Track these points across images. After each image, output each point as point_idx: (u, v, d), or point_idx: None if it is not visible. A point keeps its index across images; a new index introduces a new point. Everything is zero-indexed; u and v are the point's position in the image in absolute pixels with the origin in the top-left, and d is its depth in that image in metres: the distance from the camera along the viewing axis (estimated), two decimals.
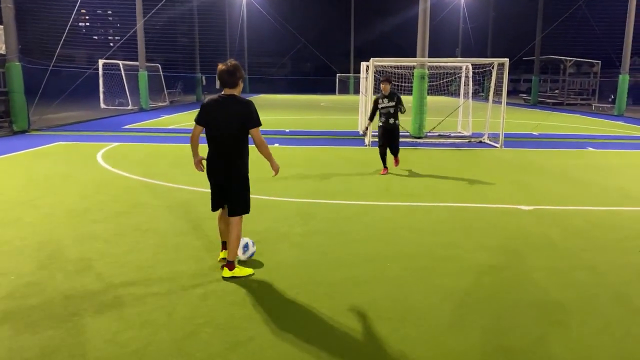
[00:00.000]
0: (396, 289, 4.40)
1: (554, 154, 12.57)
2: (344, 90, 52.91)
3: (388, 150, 9.63)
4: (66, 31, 17.88)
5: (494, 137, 14.21)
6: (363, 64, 16.34)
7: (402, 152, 12.52)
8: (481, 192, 8.15)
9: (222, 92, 4.50)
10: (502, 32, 46.32)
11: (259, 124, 4.48)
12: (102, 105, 26.33)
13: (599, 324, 3.82)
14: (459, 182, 8.93)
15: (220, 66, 4.42)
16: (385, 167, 9.63)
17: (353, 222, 6.38)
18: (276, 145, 13.42)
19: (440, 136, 15.48)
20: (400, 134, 15.51)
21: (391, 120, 9.39)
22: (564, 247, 5.56)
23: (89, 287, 4.33)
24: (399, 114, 9.39)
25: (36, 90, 18.42)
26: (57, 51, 17.34)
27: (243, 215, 4.64)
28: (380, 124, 9.47)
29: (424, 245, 5.52)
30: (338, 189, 8.31)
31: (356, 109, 17.44)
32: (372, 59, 13.12)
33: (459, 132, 16.49)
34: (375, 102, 9.44)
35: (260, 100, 40.16)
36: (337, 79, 53.10)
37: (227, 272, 4.54)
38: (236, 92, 4.47)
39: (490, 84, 14.20)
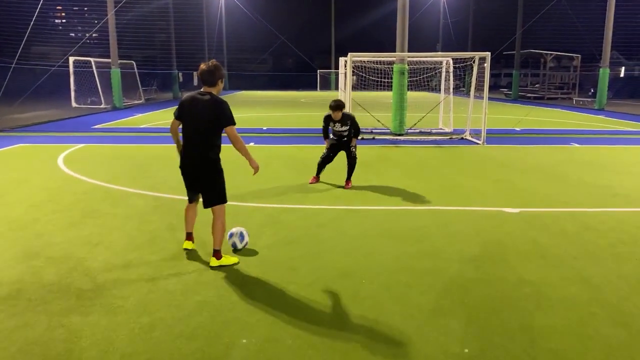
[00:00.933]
0: (371, 310, 3.90)
1: (537, 151, 12.22)
2: (326, 86, 52.36)
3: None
4: (29, 27, 17.00)
5: (476, 133, 13.83)
6: (342, 60, 15.84)
7: (382, 149, 12.11)
8: (464, 194, 7.70)
9: (201, 89, 4.70)
10: (483, 27, 46.22)
11: (232, 122, 4.63)
12: (74, 104, 25.41)
13: (600, 352, 3.36)
14: (441, 183, 8.48)
15: (202, 66, 4.64)
16: (317, 176, 8.43)
17: (327, 230, 5.86)
18: (252, 144, 12.86)
19: (421, 133, 15.05)
20: (380, 131, 15.30)
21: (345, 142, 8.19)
22: (554, 254, 5.12)
23: None
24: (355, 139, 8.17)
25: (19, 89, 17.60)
26: (20, 48, 16.47)
27: (224, 205, 4.79)
28: (333, 142, 8.29)
29: (403, 257, 5.03)
30: (313, 192, 7.78)
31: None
32: (350, 54, 12.61)
33: (441, 129, 16.09)
34: (326, 122, 8.14)
35: (239, 97, 39.43)
36: (318, 75, 52.53)
37: (214, 262, 4.72)
38: (214, 90, 4.68)
39: (471, 78, 13.78)
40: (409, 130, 14.75)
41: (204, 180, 4.72)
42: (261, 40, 54.33)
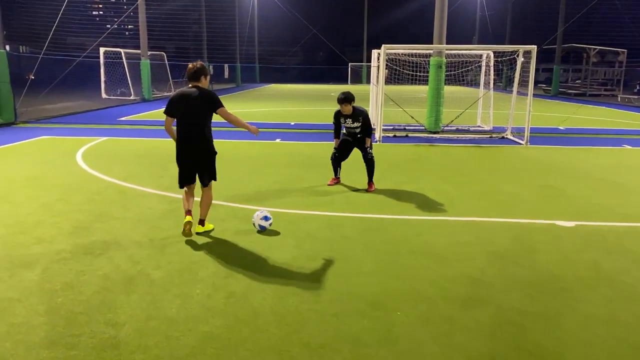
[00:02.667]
0: (407, 355, 3.23)
1: (586, 153, 11.23)
2: (357, 79, 51.45)
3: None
4: (58, 18, 16.78)
5: (518, 132, 12.90)
6: (374, 52, 15.06)
7: (416, 148, 11.34)
8: (508, 202, 6.91)
9: (189, 85, 5.30)
10: (522, 20, 44.47)
11: (220, 105, 5.19)
12: (104, 95, 25.35)
13: None
14: (481, 188, 7.69)
15: (189, 65, 5.32)
16: (336, 177, 7.78)
17: (354, 244, 5.20)
18: (278, 140, 12.27)
19: (458, 131, 14.19)
20: (414, 128, 14.50)
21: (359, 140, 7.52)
22: (624, 283, 4.34)
23: None
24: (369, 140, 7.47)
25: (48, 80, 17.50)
26: (49, 38, 16.27)
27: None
28: (346, 139, 7.60)
29: (442, 281, 4.33)
30: (337, 195, 7.12)
31: (368, 99, 16.21)
32: (383, 45, 11.85)
33: (479, 126, 15.18)
34: (336, 119, 7.48)
35: (268, 90, 38.99)
36: (349, 68, 51.63)
37: (200, 229, 5.44)
38: (201, 84, 5.27)
39: (514, 73, 12.83)
40: (444, 128, 13.91)
41: (204, 163, 5.34)
42: (292, 33, 53.78)
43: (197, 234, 5.35)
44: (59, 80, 18.35)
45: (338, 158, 7.69)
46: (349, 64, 51.71)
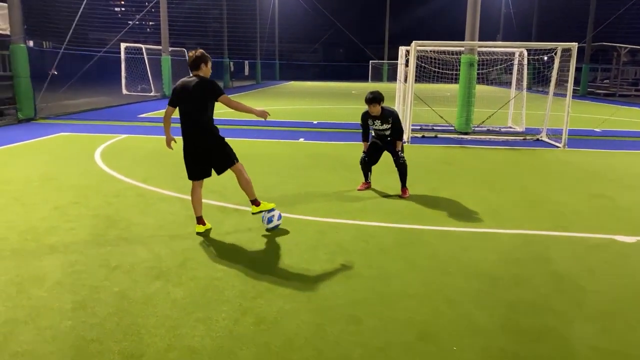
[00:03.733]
0: None
1: (630, 158, 10.52)
2: (377, 77, 50.83)
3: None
4: (79, 13, 16.55)
5: (553, 134, 12.24)
6: (402, 49, 14.49)
7: (447, 150, 10.77)
8: (557, 212, 6.33)
9: (190, 75, 5.10)
10: (549, 18, 43.28)
11: (220, 93, 4.99)
12: (124, 91, 25.21)
13: None
14: (524, 196, 7.12)
15: (189, 53, 5.12)
16: (367, 181, 7.30)
17: (393, 259, 4.70)
18: (301, 140, 11.82)
19: (488, 131, 13.57)
20: (442, 128, 13.88)
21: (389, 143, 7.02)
22: None
23: None
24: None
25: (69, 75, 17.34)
26: (69, 34, 16.04)
27: (239, 163, 5.25)
28: (375, 142, 7.14)
29: (501, 308, 3.81)
30: (368, 201, 6.62)
31: (392, 97, 15.64)
32: (414, 42, 11.29)
33: (510, 127, 14.52)
34: (364, 120, 6.96)
35: (289, 87, 38.61)
36: (370, 66, 50.99)
37: (255, 209, 5.34)
38: (201, 73, 5.05)
39: (551, 72, 12.16)
40: (475, 129, 13.29)
41: (215, 151, 5.16)
42: (313, 30, 53.35)
43: (253, 214, 5.35)
44: (80, 76, 18.16)
45: (368, 162, 7.19)
46: (370, 61, 51.06)
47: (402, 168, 6.97)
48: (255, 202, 5.33)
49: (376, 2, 54.25)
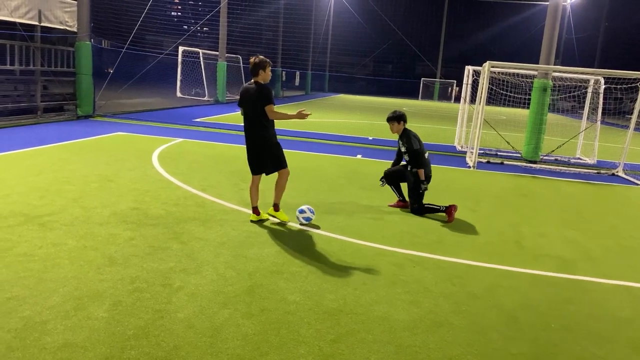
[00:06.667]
0: None
1: None
2: (428, 95, 49.99)
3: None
4: (143, 14, 16.71)
5: (631, 169, 11.33)
6: (468, 68, 13.89)
7: (516, 180, 10.06)
8: None
9: (251, 80, 5.58)
10: (614, 45, 41.56)
11: (267, 102, 5.33)
12: (179, 94, 25.47)
13: None
14: (616, 240, 6.39)
15: (250, 60, 5.53)
16: (402, 200, 7.02)
17: (484, 307, 4.13)
18: (359, 156, 11.35)
19: (557, 162, 12.75)
20: (508, 154, 13.09)
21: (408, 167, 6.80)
22: None
23: None
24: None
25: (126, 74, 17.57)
26: (132, 35, 16.20)
27: (286, 169, 5.71)
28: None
29: None
30: (444, 233, 6.05)
31: (445, 117, 15.04)
32: (487, 62, 10.68)
33: (579, 158, 13.63)
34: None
35: (338, 100, 38.35)
36: (421, 83, 50.24)
37: (271, 211, 5.82)
38: (260, 79, 5.46)
39: (634, 103, 11.27)
40: (544, 158, 12.49)
41: (263, 155, 5.57)
42: (365, 44, 53.10)
43: (269, 214, 5.82)
44: (141, 75, 18.36)
45: (389, 177, 6.98)
46: (422, 79, 50.34)
47: (410, 195, 6.75)
48: (275, 207, 5.81)
49: (432, 20, 53.59)
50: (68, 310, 3.53)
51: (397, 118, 6.68)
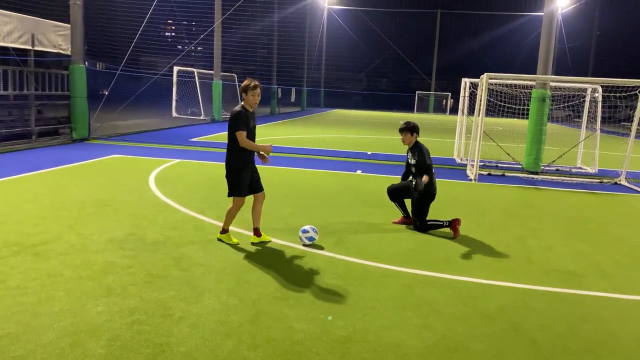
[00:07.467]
0: None
1: None
2: (423, 108, 50.15)
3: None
4: (137, 36, 16.68)
5: (633, 177, 11.22)
6: (465, 81, 13.85)
7: (519, 191, 9.92)
8: None
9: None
10: (606, 54, 41.87)
11: (235, 129, 5.48)
12: (174, 114, 25.37)
13: None
14: (625, 251, 6.23)
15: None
16: (405, 217, 6.88)
17: (501, 329, 3.95)
18: (359, 172, 11.22)
19: (558, 172, 12.64)
20: (508, 166, 12.96)
21: (415, 179, 6.51)
22: None
23: None
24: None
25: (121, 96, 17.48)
26: (126, 56, 16.13)
27: (237, 199, 5.73)
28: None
29: None
30: (451, 249, 5.89)
31: (442, 130, 14.94)
32: (486, 74, 10.62)
33: (580, 168, 13.53)
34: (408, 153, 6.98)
35: (333, 115, 38.37)
36: (416, 96, 50.42)
37: (255, 239, 5.78)
38: (245, 103, 5.54)
39: (634, 112, 11.22)
40: (545, 168, 12.38)
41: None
42: (359, 59, 53.39)
43: (253, 244, 5.75)
44: (137, 97, 18.26)
45: (393, 193, 6.84)
46: (417, 92, 50.52)
47: (414, 224, 6.59)
48: (257, 232, 5.80)
49: (424, 34, 53.96)
50: (64, 347, 3.35)
51: (410, 129, 6.51)
